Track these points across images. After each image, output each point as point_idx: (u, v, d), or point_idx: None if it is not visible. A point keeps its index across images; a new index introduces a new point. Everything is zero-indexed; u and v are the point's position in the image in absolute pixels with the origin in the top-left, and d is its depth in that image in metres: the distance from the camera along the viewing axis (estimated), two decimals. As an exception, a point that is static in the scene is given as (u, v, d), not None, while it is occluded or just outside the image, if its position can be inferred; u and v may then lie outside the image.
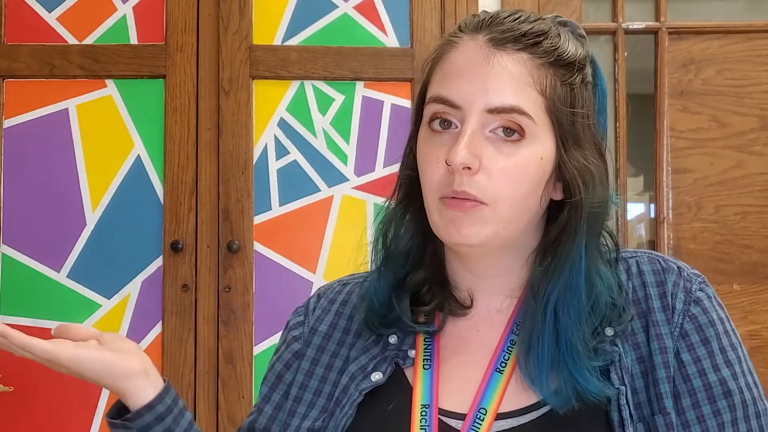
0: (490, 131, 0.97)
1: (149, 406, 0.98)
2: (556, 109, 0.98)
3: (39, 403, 2.21)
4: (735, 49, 2.43)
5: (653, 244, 2.46)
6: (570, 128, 0.99)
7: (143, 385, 0.98)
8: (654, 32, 2.44)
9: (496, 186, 0.97)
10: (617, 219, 2.37)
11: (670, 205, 2.40)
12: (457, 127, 0.99)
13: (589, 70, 1.03)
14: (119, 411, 1.01)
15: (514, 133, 0.97)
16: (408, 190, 1.07)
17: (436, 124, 1.00)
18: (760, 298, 2.37)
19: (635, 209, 2.70)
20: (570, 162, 0.99)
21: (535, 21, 1.01)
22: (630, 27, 2.44)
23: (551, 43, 1.00)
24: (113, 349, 0.98)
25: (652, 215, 2.48)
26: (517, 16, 1.01)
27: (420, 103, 1.04)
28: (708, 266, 2.37)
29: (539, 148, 0.98)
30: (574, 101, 1.00)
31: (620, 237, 2.36)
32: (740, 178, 2.41)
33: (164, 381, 1.01)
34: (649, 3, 2.47)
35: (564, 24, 1.05)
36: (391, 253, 1.07)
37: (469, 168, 0.96)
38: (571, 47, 1.01)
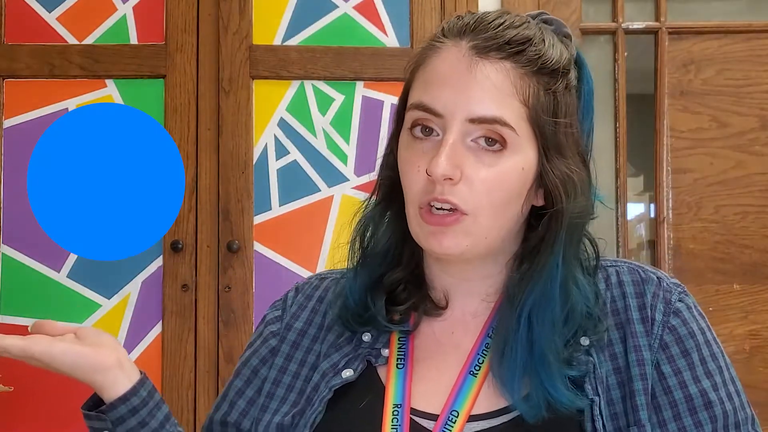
0: (471, 140, 0.97)
1: (123, 398, 0.98)
2: (538, 118, 0.98)
3: (39, 403, 2.21)
4: (735, 49, 2.43)
5: (653, 244, 2.46)
6: (552, 137, 0.98)
7: (117, 378, 0.98)
8: (654, 32, 2.44)
9: (477, 196, 0.96)
10: (617, 219, 2.37)
11: (670, 205, 2.40)
12: (438, 134, 0.98)
13: (573, 74, 1.02)
14: (95, 404, 1.00)
15: (495, 143, 0.97)
16: (387, 191, 1.06)
17: (417, 131, 0.99)
18: (760, 298, 2.37)
19: (635, 209, 2.70)
20: (552, 171, 0.98)
21: (519, 26, 1.00)
22: (630, 27, 2.44)
23: (535, 50, 0.98)
24: (88, 343, 0.98)
25: (652, 215, 2.49)
26: (501, 20, 1.00)
27: (402, 105, 1.04)
28: (708, 266, 2.37)
29: (521, 159, 0.98)
30: (557, 110, 0.99)
31: (620, 237, 2.36)
32: (740, 178, 2.41)
33: (141, 374, 1.01)
34: (649, 3, 2.47)
35: (549, 23, 1.03)
36: (368, 253, 1.07)
37: (450, 179, 0.96)
38: (555, 53, 1.00)
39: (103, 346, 0.99)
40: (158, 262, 2.25)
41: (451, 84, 0.97)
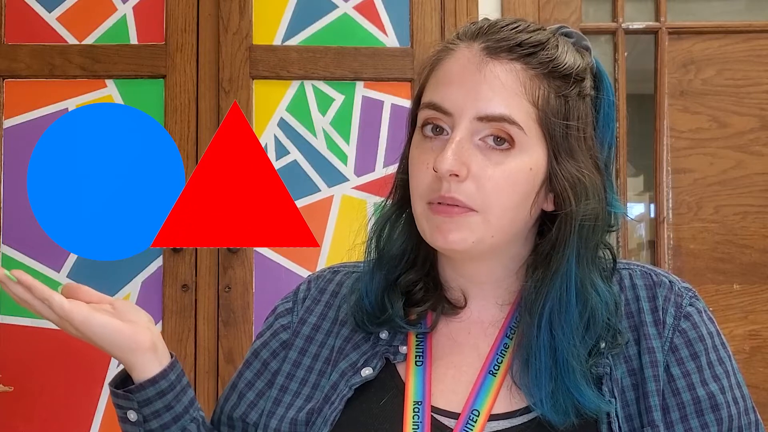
0: (479, 139, 0.97)
1: (152, 381, 0.99)
2: (548, 120, 0.98)
3: (39, 403, 2.21)
4: (735, 49, 2.43)
5: (653, 244, 2.46)
6: (563, 140, 0.99)
7: (150, 360, 0.99)
8: (654, 32, 2.44)
9: (485, 194, 0.97)
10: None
11: (670, 205, 2.40)
12: (448, 133, 0.99)
13: (588, 83, 1.02)
14: (123, 380, 1.02)
15: (503, 142, 0.97)
16: (403, 193, 1.07)
17: (428, 130, 1.00)
18: (760, 298, 2.38)
19: (635, 209, 2.70)
20: (561, 173, 0.99)
21: (534, 31, 1.00)
22: (630, 27, 2.44)
23: (547, 54, 0.99)
24: (126, 318, 0.99)
25: (652, 215, 2.49)
26: (516, 25, 1.01)
27: (415, 107, 1.04)
28: (708, 266, 2.37)
29: (529, 159, 0.98)
30: (568, 114, 0.99)
31: (620, 237, 2.36)
32: (740, 178, 2.41)
33: (171, 356, 1.02)
34: (649, 3, 2.47)
35: (568, 35, 1.04)
36: (384, 255, 1.07)
37: (456, 175, 0.96)
38: (568, 59, 1.00)
39: (140, 325, 1.00)
40: (158, 262, 2.26)
41: (460, 83, 0.98)
